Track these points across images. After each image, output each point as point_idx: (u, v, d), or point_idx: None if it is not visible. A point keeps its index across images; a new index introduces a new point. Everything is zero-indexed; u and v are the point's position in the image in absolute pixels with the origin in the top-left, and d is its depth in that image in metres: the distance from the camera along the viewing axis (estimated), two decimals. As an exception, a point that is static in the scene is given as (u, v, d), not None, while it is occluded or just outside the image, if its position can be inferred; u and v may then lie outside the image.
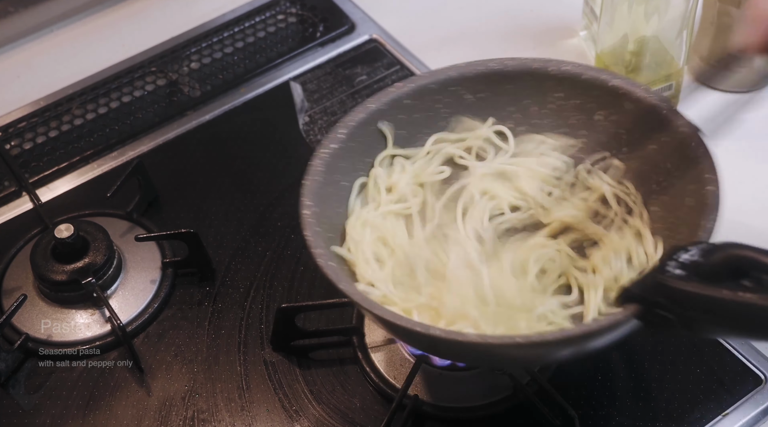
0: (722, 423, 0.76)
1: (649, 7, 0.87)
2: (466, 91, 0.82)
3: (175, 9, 1.16)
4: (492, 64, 0.81)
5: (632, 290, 0.62)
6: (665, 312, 0.60)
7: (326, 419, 0.78)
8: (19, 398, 0.81)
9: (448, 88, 0.81)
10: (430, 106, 0.81)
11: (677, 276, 0.59)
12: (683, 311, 0.59)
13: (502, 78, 0.81)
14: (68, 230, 0.84)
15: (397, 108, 0.80)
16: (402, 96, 0.80)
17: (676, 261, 0.60)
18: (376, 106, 0.79)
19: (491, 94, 0.82)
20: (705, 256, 0.59)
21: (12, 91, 1.08)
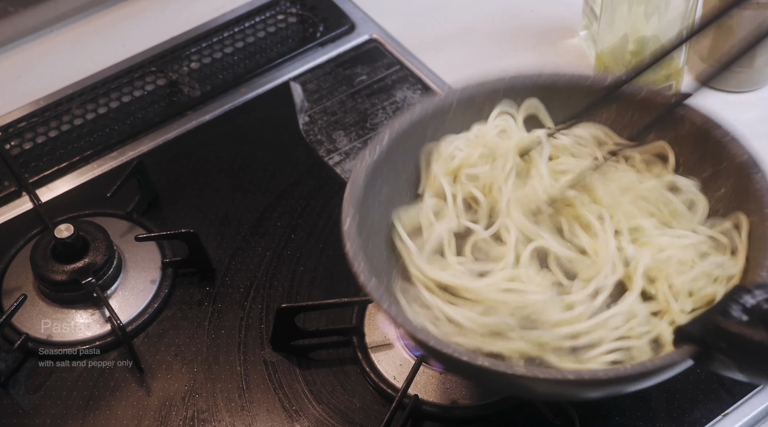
0: (722, 423, 0.76)
1: (649, 7, 0.87)
2: (514, 102, 0.79)
3: (175, 9, 1.16)
4: (542, 79, 0.78)
5: (691, 330, 0.60)
6: (725, 357, 0.58)
7: (326, 419, 0.78)
8: (19, 398, 0.81)
9: (495, 101, 0.79)
10: (477, 114, 0.79)
11: (742, 322, 0.57)
12: (746, 358, 0.57)
13: (552, 91, 0.79)
14: (68, 230, 0.84)
15: (441, 116, 0.78)
16: (447, 105, 0.78)
17: (742, 306, 0.58)
18: (420, 114, 0.77)
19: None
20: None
21: (12, 91, 1.08)
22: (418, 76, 1.04)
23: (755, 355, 0.56)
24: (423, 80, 1.04)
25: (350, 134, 0.99)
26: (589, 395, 0.70)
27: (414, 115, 0.77)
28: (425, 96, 1.02)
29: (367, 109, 1.02)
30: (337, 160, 0.97)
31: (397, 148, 0.76)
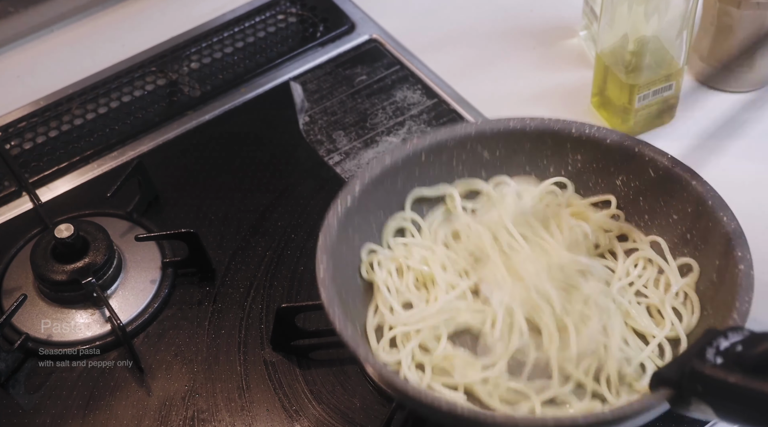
0: (722, 423, 0.76)
1: (649, 7, 0.87)
2: (484, 148, 0.81)
3: (175, 9, 1.16)
4: (512, 124, 0.80)
5: (667, 374, 0.61)
6: (701, 401, 0.58)
7: (326, 419, 0.78)
8: (19, 398, 0.81)
9: (466, 146, 0.80)
10: (447, 161, 0.81)
11: (716, 365, 0.57)
12: (722, 402, 0.57)
13: (521, 137, 0.80)
14: (68, 229, 0.84)
15: (412, 163, 0.80)
16: (419, 151, 0.79)
17: (715, 349, 0.58)
18: (390, 162, 0.79)
19: (508, 151, 0.81)
20: (747, 346, 0.58)
21: (12, 91, 1.08)
22: (418, 76, 1.04)
23: (730, 397, 0.57)
24: (423, 80, 1.04)
25: (350, 134, 0.99)
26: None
27: (385, 164, 0.79)
28: (428, 99, 1.02)
29: (367, 109, 1.02)
30: (337, 160, 0.97)
31: (368, 197, 0.78)
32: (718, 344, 0.58)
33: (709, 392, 0.58)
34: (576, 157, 0.80)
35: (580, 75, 1.01)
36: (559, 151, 0.80)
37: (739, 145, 0.94)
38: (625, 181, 0.79)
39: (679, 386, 0.59)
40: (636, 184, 0.78)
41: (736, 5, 0.92)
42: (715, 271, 0.72)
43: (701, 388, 0.58)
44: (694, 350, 0.59)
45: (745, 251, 0.69)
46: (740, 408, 0.57)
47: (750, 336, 0.58)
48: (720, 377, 0.57)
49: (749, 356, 0.57)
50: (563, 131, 0.79)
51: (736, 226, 0.71)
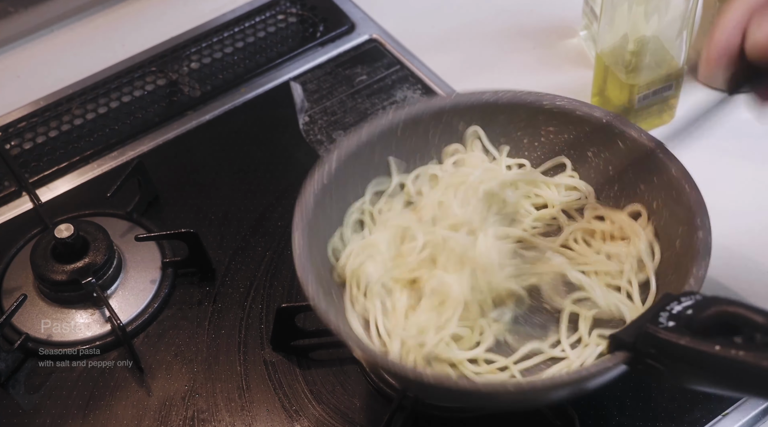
0: (722, 423, 0.76)
1: (649, 7, 0.87)
2: (459, 120, 0.82)
3: (175, 9, 1.16)
4: (486, 96, 0.81)
5: (623, 338, 0.63)
6: (656, 362, 0.61)
7: (326, 419, 0.78)
8: (19, 398, 0.81)
9: (442, 118, 0.81)
10: (423, 134, 0.82)
11: (669, 328, 0.60)
12: (674, 364, 0.60)
13: (495, 109, 0.81)
14: (68, 230, 0.84)
15: (389, 137, 0.80)
16: (394, 125, 0.80)
17: (668, 313, 0.61)
18: (367, 136, 0.79)
19: (484, 123, 0.82)
20: (697, 310, 0.60)
21: (12, 91, 1.08)
22: (418, 76, 1.04)
23: (681, 358, 0.59)
24: (423, 80, 1.04)
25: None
26: (536, 402, 0.73)
27: (361, 137, 0.79)
28: (425, 96, 1.02)
29: (367, 109, 1.02)
30: (337, 160, 0.97)
31: (344, 171, 0.78)
32: (671, 308, 0.61)
33: (661, 353, 0.60)
34: (548, 128, 0.82)
35: (580, 75, 1.01)
36: (532, 122, 0.82)
37: (739, 146, 0.94)
38: (596, 152, 0.81)
39: (635, 349, 0.62)
40: (606, 156, 0.80)
41: (736, 5, 0.92)
42: (679, 238, 0.73)
43: (654, 350, 0.60)
44: (649, 314, 0.61)
45: (705, 218, 0.71)
46: (690, 368, 0.59)
47: (701, 300, 0.61)
48: (671, 340, 0.59)
49: (699, 319, 0.59)
50: (535, 103, 0.81)
51: (697, 195, 0.72)
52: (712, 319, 0.59)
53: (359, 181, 0.80)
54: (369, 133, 0.79)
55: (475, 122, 0.82)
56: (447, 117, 0.81)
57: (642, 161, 0.77)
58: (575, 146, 0.81)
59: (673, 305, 0.61)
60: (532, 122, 0.82)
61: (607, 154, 0.80)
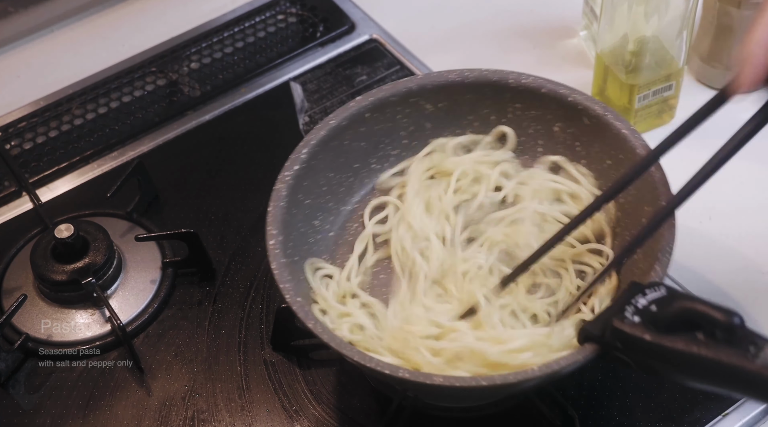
0: (722, 423, 0.76)
1: (649, 7, 0.87)
2: (427, 101, 0.83)
3: (175, 9, 1.16)
4: (451, 76, 0.82)
5: (591, 330, 0.64)
6: (622, 355, 0.63)
7: (326, 419, 0.78)
8: (19, 398, 0.81)
9: (409, 100, 0.83)
10: (391, 117, 0.83)
11: (635, 324, 0.61)
12: (640, 358, 0.62)
13: (462, 88, 0.82)
14: (68, 230, 0.84)
15: (357, 122, 0.81)
16: (362, 110, 0.82)
17: (634, 307, 0.62)
18: (336, 122, 0.81)
19: (451, 103, 0.83)
20: (661, 306, 0.62)
21: (12, 91, 1.08)
22: (418, 76, 1.04)
23: (646, 353, 0.61)
24: (423, 80, 1.04)
25: (350, 134, 0.99)
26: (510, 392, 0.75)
27: (329, 124, 0.80)
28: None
29: (367, 109, 1.02)
30: (337, 160, 0.97)
31: (316, 160, 0.80)
32: (637, 301, 0.63)
33: (627, 347, 0.62)
34: (515, 105, 0.83)
35: (580, 75, 1.01)
36: (498, 100, 0.83)
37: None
38: (562, 127, 0.82)
39: (603, 342, 0.64)
40: (572, 131, 0.81)
41: (736, 5, 0.92)
42: (645, 216, 0.74)
43: (620, 344, 0.62)
44: (616, 307, 0.63)
45: (669, 200, 0.71)
46: (655, 363, 0.61)
47: (666, 295, 0.63)
48: (636, 335, 0.61)
49: (663, 314, 0.61)
50: (501, 81, 0.82)
51: (662, 175, 0.73)
52: (676, 315, 0.61)
53: (331, 168, 0.82)
54: (338, 118, 0.81)
55: (442, 102, 0.83)
56: (414, 98, 0.83)
57: (608, 138, 0.78)
58: (542, 122, 0.82)
59: (638, 298, 0.63)
60: (498, 100, 0.83)
61: (573, 130, 0.81)
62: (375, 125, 0.83)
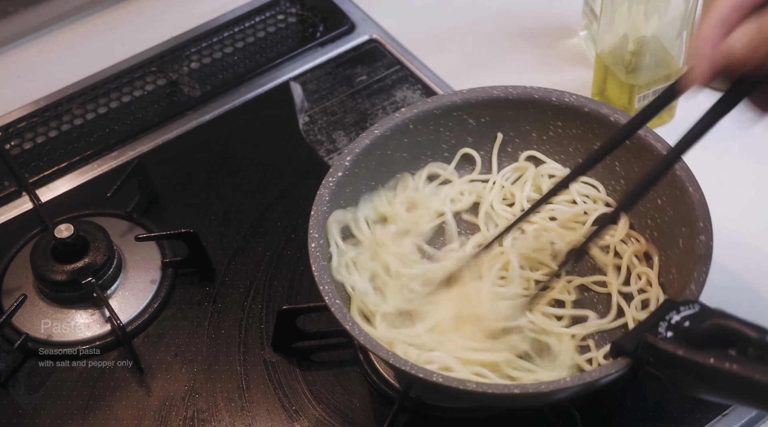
0: (722, 423, 0.76)
1: (649, 7, 0.87)
2: (469, 116, 0.84)
3: (175, 9, 1.16)
4: (496, 92, 0.83)
5: (624, 345, 0.65)
6: (654, 370, 0.63)
7: (326, 419, 0.78)
8: (19, 398, 0.81)
9: (452, 113, 0.84)
10: (434, 130, 0.84)
11: (668, 339, 0.62)
12: (671, 372, 0.62)
13: (504, 105, 0.83)
14: (68, 230, 0.84)
15: (401, 133, 0.82)
16: (406, 121, 0.82)
17: (667, 322, 0.63)
18: (380, 132, 0.81)
19: (494, 119, 0.84)
20: (695, 322, 0.62)
21: (12, 91, 1.08)
22: (418, 77, 1.04)
23: (678, 368, 0.61)
24: (423, 80, 1.04)
25: (350, 134, 0.99)
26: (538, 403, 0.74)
27: (374, 134, 0.81)
28: (421, 97, 1.02)
29: (367, 109, 1.02)
30: (337, 161, 0.97)
31: (358, 169, 0.81)
32: (671, 317, 0.63)
33: (660, 362, 0.62)
34: (557, 123, 0.83)
35: (580, 75, 1.01)
36: (540, 117, 0.84)
37: (738, 146, 0.94)
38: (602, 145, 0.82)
39: (635, 356, 0.64)
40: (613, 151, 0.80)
41: (736, 5, 0.92)
42: (681, 237, 0.74)
43: (653, 359, 0.63)
44: (650, 323, 0.64)
45: (707, 222, 0.72)
46: (687, 378, 0.61)
47: (699, 312, 0.63)
48: (669, 350, 0.61)
49: (696, 331, 0.62)
50: (544, 99, 0.83)
51: (701, 197, 0.73)
52: (709, 331, 0.61)
53: (373, 177, 0.82)
54: (382, 128, 0.81)
55: (485, 117, 0.84)
56: (458, 112, 0.83)
57: (647, 159, 0.78)
58: (582, 140, 0.83)
59: (672, 314, 0.63)
60: (540, 117, 0.83)
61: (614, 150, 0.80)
62: (418, 137, 0.83)
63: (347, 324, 0.69)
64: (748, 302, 0.83)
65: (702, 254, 0.70)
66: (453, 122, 0.84)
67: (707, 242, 0.70)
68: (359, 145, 0.80)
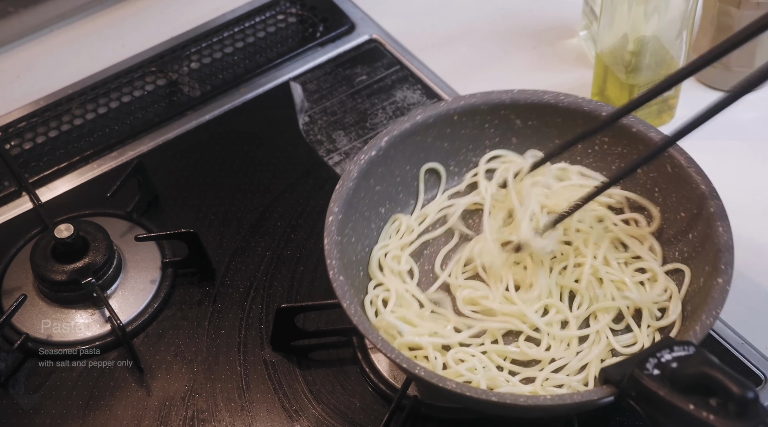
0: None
1: (649, 7, 0.87)
2: (517, 116, 0.83)
3: (175, 9, 1.16)
4: (546, 97, 0.82)
5: (612, 374, 0.65)
6: (635, 404, 0.63)
7: (326, 419, 0.78)
8: (19, 398, 0.81)
9: (500, 112, 0.83)
10: (480, 125, 0.83)
11: (653, 376, 0.62)
12: (651, 410, 0.62)
13: (553, 111, 0.82)
14: (68, 230, 0.84)
15: (444, 122, 0.82)
16: (452, 112, 0.82)
17: (657, 360, 0.63)
18: (423, 118, 0.81)
19: (540, 123, 0.84)
20: (682, 365, 0.62)
21: (12, 91, 1.08)
22: (418, 77, 1.04)
23: (657, 407, 0.62)
24: (423, 80, 1.04)
25: (350, 134, 0.99)
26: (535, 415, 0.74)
27: (416, 119, 0.81)
28: (428, 99, 1.02)
29: (367, 109, 1.02)
30: (337, 160, 0.97)
31: (395, 150, 0.80)
32: (662, 355, 0.63)
33: (641, 398, 0.63)
34: (603, 139, 0.82)
35: (580, 75, 1.01)
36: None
37: (738, 146, 0.94)
38: (645, 170, 0.81)
39: (620, 387, 0.65)
40: (653, 176, 0.80)
41: (736, 5, 0.92)
42: (703, 276, 0.74)
43: (635, 393, 0.63)
44: (641, 357, 0.64)
45: (729, 265, 0.71)
46: (664, 419, 0.62)
47: (691, 355, 0.63)
48: (651, 388, 0.62)
49: (682, 374, 0.62)
50: (594, 112, 0.81)
51: (728, 238, 0.73)
52: (694, 376, 0.61)
53: (409, 161, 0.82)
54: (425, 115, 0.81)
55: (533, 120, 0.83)
56: (505, 111, 0.83)
57: (686, 191, 0.77)
58: (626, 160, 0.81)
59: (665, 352, 0.63)
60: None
61: (654, 175, 0.80)
62: (462, 129, 0.83)
63: (345, 302, 0.70)
64: (750, 301, 0.83)
65: (716, 298, 0.69)
66: (499, 120, 0.83)
67: (724, 287, 0.70)
68: (398, 127, 0.80)
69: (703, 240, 0.75)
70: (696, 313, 0.71)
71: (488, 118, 0.83)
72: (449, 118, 0.82)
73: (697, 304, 0.72)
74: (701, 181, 0.76)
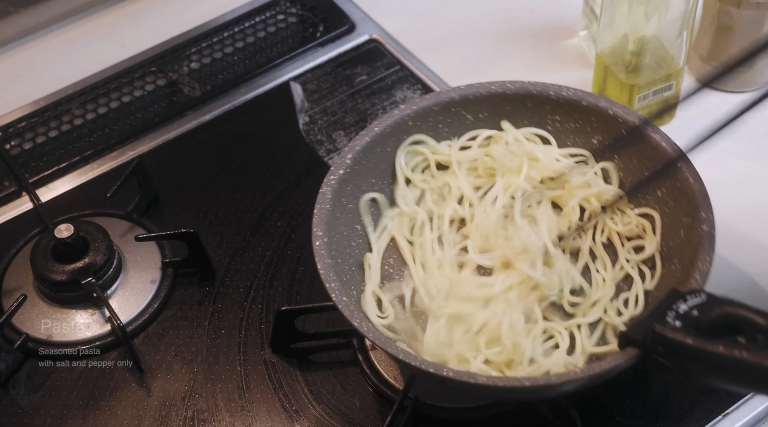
0: (722, 423, 0.76)
1: (649, 7, 0.87)
2: (467, 112, 0.84)
3: (175, 9, 1.16)
4: (493, 88, 0.84)
5: (633, 335, 0.65)
6: (664, 360, 0.63)
7: (326, 419, 0.78)
8: (19, 398, 0.81)
9: (451, 110, 0.84)
10: (433, 126, 0.84)
11: (676, 328, 0.62)
12: (681, 362, 0.63)
13: (502, 100, 0.84)
14: (68, 230, 0.84)
15: (400, 130, 0.83)
16: (405, 118, 0.83)
17: (675, 312, 0.63)
18: (380, 129, 0.82)
19: (491, 114, 0.85)
20: (703, 311, 0.63)
21: (12, 91, 1.08)
22: (418, 77, 1.04)
23: (687, 357, 0.62)
24: (423, 80, 1.04)
25: (350, 134, 0.99)
26: (549, 395, 0.74)
27: (373, 132, 0.82)
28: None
29: (367, 109, 1.02)
30: (337, 161, 0.97)
31: (359, 166, 0.81)
32: (678, 307, 0.64)
33: (669, 352, 0.63)
34: (555, 117, 0.84)
35: (580, 75, 1.01)
36: (538, 112, 0.84)
37: (739, 145, 0.94)
38: (600, 140, 0.82)
39: (644, 347, 0.64)
40: (611, 143, 0.82)
41: (736, 5, 0.92)
42: (683, 228, 0.75)
43: (662, 349, 0.63)
44: (657, 313, 0.64)
45: (709, 212, 0.72)
46: (696, 367, 0.62)
47: (706, 302, 0.63)
48: (678, 339, 0.62)
49: (704, 319, 0.62)
50: (542, 94, 0.83)
51: (702, 187, 0.74)
52: (717, 319, 0.62)
53: (373, 174, 0.83)
54: (381, 125, 0.82)
55: (483, 112, 0.84)
56: (456, 108, 0.84)
57: (645, 150, 0.78)
58: (581, 134, 0.83)
59: (680, 303, 0.64)
60: (538, 112, 0.84)
61: (607, 139, 0.81)
62: (417, 133, 0.84)
63: (355, 321, 0.70)
64: (751, 300, 0.83)
65: (705, 244, 0.70)
66: (452, 118, 0.84)
67: (709, 231, 0.71)
68: (360, 142, 0.81)
69: (676, 194, 0.76)
70: (689, 263, 0.71)
71: (441, 118, 0.84)
72: (404, 124, 0.83)
73: (688, 255, 0.72)
74: (660, 139, 0.77)
